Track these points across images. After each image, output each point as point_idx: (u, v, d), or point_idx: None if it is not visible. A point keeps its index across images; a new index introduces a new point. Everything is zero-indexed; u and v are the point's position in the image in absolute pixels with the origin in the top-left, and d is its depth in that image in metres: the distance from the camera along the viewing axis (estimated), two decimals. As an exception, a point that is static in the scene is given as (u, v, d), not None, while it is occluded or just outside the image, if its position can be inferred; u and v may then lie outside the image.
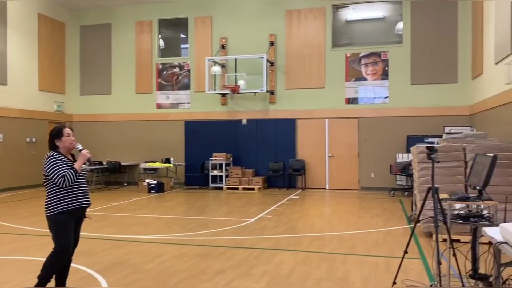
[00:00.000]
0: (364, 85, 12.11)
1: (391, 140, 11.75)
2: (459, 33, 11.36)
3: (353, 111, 12.16)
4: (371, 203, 9.66)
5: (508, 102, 7.82)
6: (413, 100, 11.70)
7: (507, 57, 7.88)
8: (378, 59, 12.00)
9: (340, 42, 12.49)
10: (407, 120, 11.67)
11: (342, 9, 12.47)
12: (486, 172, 3.34)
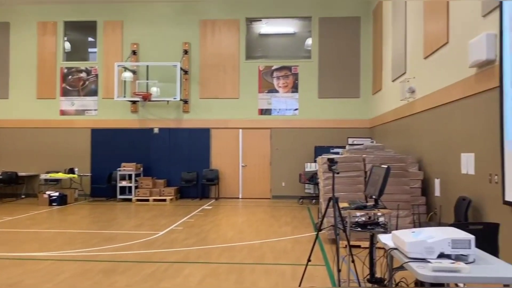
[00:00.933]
0: (276, 97, 12.49)
1: (300, 150, 12.23)
2: (362, 51, 12.24)
3: (265, 122, 12.47)
4: (281, 211, 9.93)
5: (403, 116, 8.56)
6: (320, 112, 12.32)
7: (401, 75, 8.65)
8: (289, 72, 12.47)
9: (253, 54, 12.77)
10: (315, 131, 12.24)
11: (256, 22, 12.78)
12: (381, 182, 3.60)
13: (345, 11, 12.26)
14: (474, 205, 5.16)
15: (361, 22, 12.23)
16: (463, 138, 5.58)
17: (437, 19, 6.52)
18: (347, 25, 12.26)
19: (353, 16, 12.23)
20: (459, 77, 5.70)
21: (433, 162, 6.74)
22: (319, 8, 12.33)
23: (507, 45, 4.26)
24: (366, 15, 12.19)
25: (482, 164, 5.02)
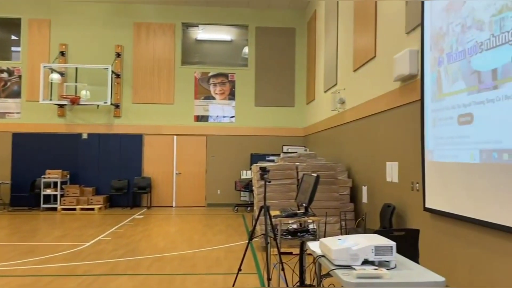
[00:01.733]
0: (212, 103, 12.41)
1: (236, 158, 12.23)
2: (297, 61, 12.54)
3: (201, 129, 12.33)
4: (216, 219, 9.83)
5: (334, 126, 8.86)
6: (256, 120, 12.43)
7: (333, 86, 8.96)
8: (225, 80, 12.46)
9: (190, 60, 12.62)
10: (251, 139, 12.32)
11: (192, 28, 12.65)
12: (311, 190, 3.66)
13: (281, 21, 12.51)
14: (397, 211, 5.43)
15: (296, 33, 12.54)
16: (388, 148, 5.86)
17: (366, 34, 6.83)
18: (282, 36, 12.52)
19: (289, 27, 12.52)
20: (385, 89, 6.00)
21: (361, 170, 7.02)
22: (256, 17, 12.49)
23: (428, 61, 4.54)
24: (301, 27, 12.53)
25: (405, 173, 5.30)
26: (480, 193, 3.56)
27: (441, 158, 4.22)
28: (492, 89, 3.41)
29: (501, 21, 3.29)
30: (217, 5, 12.26)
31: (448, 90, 4.10)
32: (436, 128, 4.33)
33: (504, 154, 3.26)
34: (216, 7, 12.38)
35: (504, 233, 3.34)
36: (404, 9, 5.38)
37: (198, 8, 12.40)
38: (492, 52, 3.39)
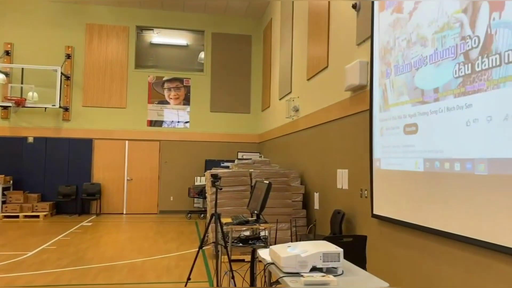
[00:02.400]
0: (166, 108, 12.22)
1: (190, 164, 12.09)
2: (253, 68, 12.63)
3: (155, 134, 12.10)
4: (168, 227, 9.65)
5: (288, 133, 8.98)
6: (212, 126, 12.36)
7: (287, 94, 9.09)
8: (180, 84, 12.32)
9: (144, 64, 12.38)
10: (206, 144, 12.23)
11: (147, 31, 12.43)
12: (263, 197, 3.68)
13: (237, 28, 12.57)
14: (347, 217, 5.56)
15: (252, 41, 12.64)
16: (339, 155, 6.01)
17: (319, 44, 6.99)
18: (239, 42, 12.57)
19: (245, 34, 12.60)
20: (336, 99, 6.15)
21: (313, 177, 7.15)
22: (212, 23, 12.47)
23: (377, 72, 4.71)
24: (257, 34, 12.64)
25: (355, 180, 5.45)
26: (423, 200, 3.72)
27: (388, 166, 4.37)
28: (434, 101, 3.58)
29: (442, 39, 3.48)
30: (173, 9, 12.14)
31: (394, 101, 4.26)
32: (384, 137, 4.48)
33: (445, 163, 3.43)
34: (171, 11, 12.25)
35: (444, 239, 3.50)
36: (355, 21, 5.55)
37: (153, 11, 12.22)
38: (434, 70, 3.56)
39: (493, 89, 2.90)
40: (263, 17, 12.34)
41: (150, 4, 11.83)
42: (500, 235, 2.83)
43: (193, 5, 11.81)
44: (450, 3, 3.39)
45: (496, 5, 2.89)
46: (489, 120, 2.94)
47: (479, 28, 3.04)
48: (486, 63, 2.96)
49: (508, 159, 2.77)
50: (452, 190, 3.33)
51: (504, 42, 2.79)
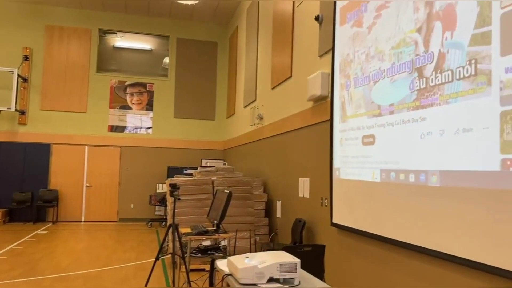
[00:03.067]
0: (129, 114, 11.98)
1: (152, 171, 11.88)
2: (218, 75, 12.60)
3: (116, 139, 11.82)
4: (127, 235, 9.42)
5: (252, 141, 9.00)
6: (175, 132, 12.21)
7: (252, 102, 9.12)
8: (143, 89, 12.13)
9: (106, 67, 12.10)
10: (169, 151, 12.06)
11: (110, 34, 12.18)
12: (223, 207, 3.66)
13: (203, 34, 12.52)
14: (308, 226, 5.61)
15: (218, 47, 12.62)
16: (301, 164, 6.07)
17: (283, 54, 7.07)
18: (204, 49, 12.52)
19: (211, 40, 12.57)
20: (299, 108, 6.23)
21: (276, 185, 7.19)
22: (177, 28, 12.37)
23: (337, 84, 4.80)
24: (223, 41, 12.64)
25: (316, 189, 5.52)
26: (380, 210, 3.81)
27: (347, 176, 4.46)
28: (389, 114, 3.69)
29: (399, 54, 3.59)
30: (137, 13, 11.96)
31: (352, 112, 4.36)
32: (343, 147, 4.57)
33: (401, 174, 3.53)
34: (136, 15, 12.06)
35: (399, 248, 3.59)
36: (318, 33, 5.65)
37: (117, 14, 11.99)
38: (390, 84, 3.67)
39: (445, 104, 3.01)
40: (229, 24, 12.36)
41: (114, 7, 11.61)
42: (451, 245, 2.93)
43: (158, 10, 11.68)
44: (406, 22, 3.51)
45: (448, 25, 3.02)
46: (441, 134, 3.05)
47: (433, 46, 3.16)
48: (439, 78, 3.08)
49: (458, 171, 2.88)
50: (407, 201, 3.43)
51: (456, 60, 2.92)
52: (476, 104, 2.73)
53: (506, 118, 2.50)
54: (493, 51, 2.62)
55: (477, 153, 2.71)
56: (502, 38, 2.56)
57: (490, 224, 2.61)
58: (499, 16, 2.59)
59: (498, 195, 2.56)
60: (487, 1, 2.68)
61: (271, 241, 6.78)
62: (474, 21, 2.77)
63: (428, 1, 3.26)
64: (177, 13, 11.84)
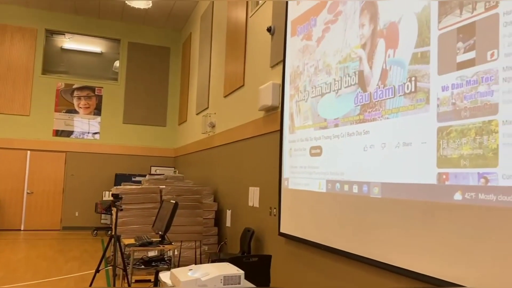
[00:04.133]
0: (75, 118, 11.52)
1: (99, 177, 11.47)
2: (170, 81, 12.41)
3: (61, 144, 11.32)
4: (71, 244, 9.00)
5: (203, 149, 8.92)
6: (124, 138, 11.87)
7: (204, 110, 9.06)
8: (92, 93, 11.72)
9: (52, 69, 11.59)
10: (117, 157, 11.70)
11: (58, 35, 11.70)
12: (168, 217, 3.58)
13: (156, 39, 12.31)
14: (256, 235, 5.61)
15: (171, 53, 12.45)
16: (252, 173, 6.08)
17: (236, 63, 7.09)
18: (157, 54, 12.31)
19: (164, 46, 12.38)
20: (251, 117, 6.25)
21: (226, 194, 7.15)
22: (129, 32, 12.08)
23: (287, 95, 4.87)
24: (176, 47, 12.49)
25: (265, 198, 5.54)
26: (325, 220, 3.88)
27: (295, 186, 4.51)
28: (334, 127, 3.78)
29: (345, 69, 3.69)
30: (88, 14, 11.57)
31: (300, 124, 4.43)
32: (292, 158, 4.62)
33: (345, 185, 3.61)
34: (86, 16, 11.67)
35: (343, 258, 3.67)
36: (270, 44, 5.72)
37: (66, 15, 11.54)
38: (336, 98, 3.77)
39: (387, 118, 3.12)
40: (183, 30, 12.24)
41: (63, 8, 11.17)
42: (390, 254, 3.02)
43: (110, 13, 11.36)
44: (352, 37, 3.62)
45: (391, 43, 3.14)
46: (383, 147, 3.16)
47: (377, 63, 3.28)
48: (382, 94, 3.20)
49: (398, 183, 2.98)
50: (350, 211, 3.51)
51: (397, 77, 3.04)
52: (416, 119, 2.85)
53: (442, 133, 2.63)
54: (431, 70, 2.75)
55: (416, 166, 2.83)
56: (440, 58, 2.69)
57: (425, 235, 2.72)
58: (437, 37, 2.72)
59: (434, 208, 2.67)
60: (426, 22, 2.82)
61: (220, 250, 6.72)
62: (415, 40, 2.90)
63: (373, 18, 3.38)
64: (129, 17, 11.58)
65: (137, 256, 3.91)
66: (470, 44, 2.47)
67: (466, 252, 2.43)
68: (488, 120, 2.33)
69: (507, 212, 2.20)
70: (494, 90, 2.31)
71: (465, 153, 2.45)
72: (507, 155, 2.21)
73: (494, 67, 2.32)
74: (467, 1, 2.51)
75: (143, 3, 8.85)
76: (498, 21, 2.32)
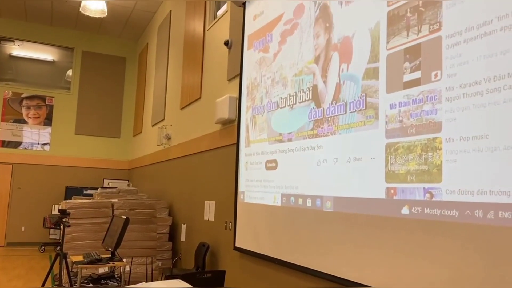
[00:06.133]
0: (24, 128, 10.99)
1: (48, 190, 10.95)
2: (125, 91, 12.12)
3: (7, 156, 10.74)
4: (15, 261, 8.51)
5: (159, 161, 8.75)
6: (76, 150, 11.45)
7: (160, 121, 8.92)
8: (42, 103, 11.25)
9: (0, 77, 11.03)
10: (68, 170, 11.24)
11: (7, 42, 11.19)
12: (119, 233, 3.46)
13: (111, 49, 12.03)
14: (212, 250, 5.54)
15: (126, 63, 12.21)
16: (208, 186, 6.02)
17: (193, 75, 7.05)
18: (112, 63, 12.02)
19: (119, 56, 12.12)
20: (207, 130, 6.21)
21: (182, 208, 7.03)
22: (83, 40, 11.75)
23: (244, 108, 4.88)
24: (132, 57, 12.27)
25: (221, 212, 5.49)
26: (280, 234, 3.89)
27: (251, 199, 4.50)
28: (288, 141, 3.82)
29: (300, 82, 3.76)
30: (40, 21, 11.15)
31: (255, 137, 4.45)
32: (248, 171, 4.62)
33: (299, 199, 3.65)
34: (38, 23, 11.24)
35: (297, 272, 3.68)
36: (227, 57, 5.73)
37: (16, 21, 11.07)
38: (290, 112, 3.82)
39: (339, 134, 3.20)
40: (139, 41, 12.05)
41: (12, 13, 10.70)
42: (342, 268, 3.07)
43: (63, 20, 11.01)
44: (307, 51, 3.70)
45: (345, 57, 3.23)
46: (335, 161, 3.22)
47: (331, 77, 3.36)
48: (334, 109, 3.27)
49: (349, 198, 3.05)
50: (304, 225, 3.55)
51: (350, 93, 3.12)
52: (366, 135, 2.94)
53: (390, 149, 2.72)
54: (380, 87, 2.85)
55: (366, 181, 2.90)
56: (388, 76, 2.80)
57: (376, 249, 2.79)
58: (386, 57, 2.83)
59: (382, 222, 2.75)
60: (377, 39, 2.92)
61: (174, 266, 6.57)
62: (368, 55, 2.99)
63: (327, 29, 3.47)
64: (84, 25, 11.27)
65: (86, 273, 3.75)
66: (416, 64, 2.59)
67: (416, 267, 2.50)
68: (432, 137, 2.43)
69: (450, 226, 2.30)
70: (438, 108, 2.42)
71: (412, 168, 2.54)
72: (450, 171, 2.31)
73: (438, 87, 2.44)
74: (413, 23, 2.64)
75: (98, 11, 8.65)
76: (441, 44, 2.45)
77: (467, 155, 2.24)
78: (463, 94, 2.29)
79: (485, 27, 2.22)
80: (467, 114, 2.26)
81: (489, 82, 2.17)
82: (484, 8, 2.24)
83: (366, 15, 3.05)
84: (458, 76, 2.33)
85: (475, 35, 2.27)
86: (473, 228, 2.18)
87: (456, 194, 2.27)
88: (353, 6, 3.21)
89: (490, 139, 2.14)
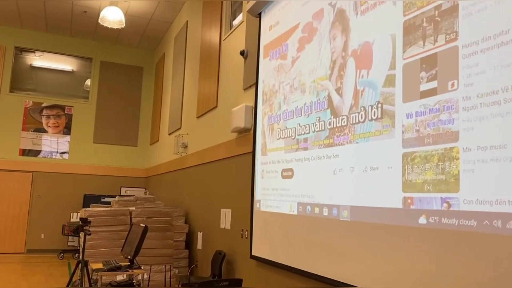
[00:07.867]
0: (44, 137, 11.23)
1: (67, 198, 11.14)
2: (142, 100, 12.31)
3: (28, 164, 10.98)
4: (35, 268, 8.66)
5: (175, 169, 8.84)
6: (94, 158, 11.64)
7: (177, 130, 9.02)
8: (61, 112, 11.49)
9: (21, 87, 11.33)
10: (86, 178, 11.43)
11: (27, 53, 11.49)
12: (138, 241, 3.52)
13: (128, 59, 12.24)
14: (228, 258, 5.57)
15: (144, 73, 12.40)
16: (224, 195, 6.07)
17: (209, 84, 7.13)
18: (129, 73, 12.23)
19: (137, 65, 12.33)
20: (223, 139, 6.27)
21: (198, 216, 7.08)
22: (102, 51, 11.99)
23: (260, 117, 4.92)
24: (149, 67, 12.46)
25: (237, 220, 5.53)
26: (296, 243, 3.90)
27: (267, 208, 4.52)
28: (304, 150, 3.84)
29: (318, 90, 3.78)
30: (59, 33, 11.43)
31: (272, 146, 4.48)
32: (264, 180, 4.65)
33: (316, 207, 3.66)
34: (57, 34, 11.52)
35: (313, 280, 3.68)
36: (243, 66, 5.79)
37: (36, 33, 11.36)
38: (307, 119, 3.85)
39: (356, 143, 3.21)
40: (156, 51, 12.25)
41: (33, 25, 11.00)
42: (359, 278, 3.06)
43: (82, 31, 11.26)
44: (324, 57, 3.72)
45: (365, 63, 3.25)
46: (352, 171, 3.23)
47: (347, 85, 3.37)
48: (351, 118, 3.29)
49: (366, 207, 3.05)
50: (321, 234, 3.55)
51: (369, 100, 3.13)
52: (382, 145, 2.94)
53: (407, 159, 2.72)
54: (396, 97, 2.86)
55: (382, 190, 2.90)
56: (404, 86, 2.81)
57: (393, 258, 2.78)
58: (402, 66, 2.84)
59: (399, 231, 2.74)
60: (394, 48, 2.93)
61: (191, 274, 6.61)
62: (389, 61, 2.97)
63: (343, 33, 3.49)
64: (102, 36, 11.51)
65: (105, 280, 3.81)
66: (433, 74, 2.59)
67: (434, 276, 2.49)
68: (449, 147, 2.43)
69: (468, 236, 2.28)
70: (454, 118, 2.42)
71: (429, 178, 2.54)
72: (468, 181, 2.31)
73: (454, 96, 2.44)
74: (429, 32, 2.65)
75: (116, 23, 8.84)
76: (458, 53, 2.45)
77: (484, 164, 2.23)
78: (480, 104, 2.29)
79: (502, 36, 2.22)
80: (484, 123, 2.26)
81: (507, 91, 2.17)
82: (500, 17, 2.24)
83: (382, 25, 3.07)
84: (475, 85, 2.33)
85: (491, 45, 2.27)
86: (491, 238, 2.16)
87: (474, 204, 2.26)
88: (369, 15, 3.23)
89: (508, 148, 2.13)
